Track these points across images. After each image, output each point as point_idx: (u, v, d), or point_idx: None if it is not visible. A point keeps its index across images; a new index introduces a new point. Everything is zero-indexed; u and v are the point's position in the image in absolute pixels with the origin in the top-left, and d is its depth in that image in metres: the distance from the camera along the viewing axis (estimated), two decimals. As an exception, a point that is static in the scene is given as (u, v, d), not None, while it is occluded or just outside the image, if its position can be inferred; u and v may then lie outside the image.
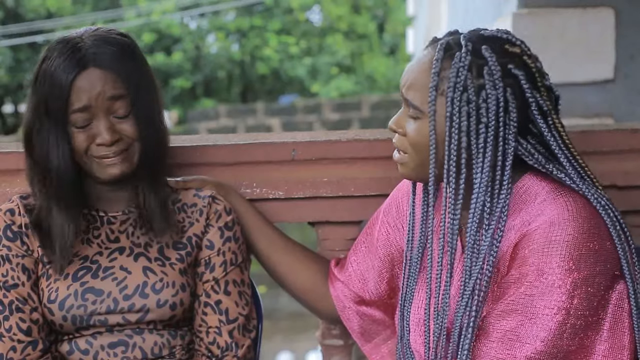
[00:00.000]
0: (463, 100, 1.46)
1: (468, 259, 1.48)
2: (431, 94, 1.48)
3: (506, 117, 1.47)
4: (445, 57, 1.49)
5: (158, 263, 1.74)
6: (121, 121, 1.67)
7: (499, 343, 1.45)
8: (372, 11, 19.30)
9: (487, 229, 1.47)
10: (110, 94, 1.64)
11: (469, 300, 1.47)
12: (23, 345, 1.70)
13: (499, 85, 1.46)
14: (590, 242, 1.43)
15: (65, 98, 1.63)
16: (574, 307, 1.41)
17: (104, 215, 1.78)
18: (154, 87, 1.74)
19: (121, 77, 1.66)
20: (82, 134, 1.66)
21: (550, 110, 1.51)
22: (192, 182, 1.87)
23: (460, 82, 1.46)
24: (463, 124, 1.46)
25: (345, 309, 1.86)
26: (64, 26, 16.61)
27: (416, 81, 1.52)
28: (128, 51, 1.70)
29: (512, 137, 1.47)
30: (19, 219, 1.75)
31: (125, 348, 1.72)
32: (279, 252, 1.90)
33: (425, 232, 1.64)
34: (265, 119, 14.87)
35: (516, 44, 1.52)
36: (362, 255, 1.84)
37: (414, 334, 1.66)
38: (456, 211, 1.50)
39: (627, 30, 3.48)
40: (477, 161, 1.47)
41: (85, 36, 1.68)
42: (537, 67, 1.52)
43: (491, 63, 1.47)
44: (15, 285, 1.72)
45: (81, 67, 1.64)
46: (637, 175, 1.99)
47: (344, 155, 1.99)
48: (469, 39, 1.50)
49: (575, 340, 1.42)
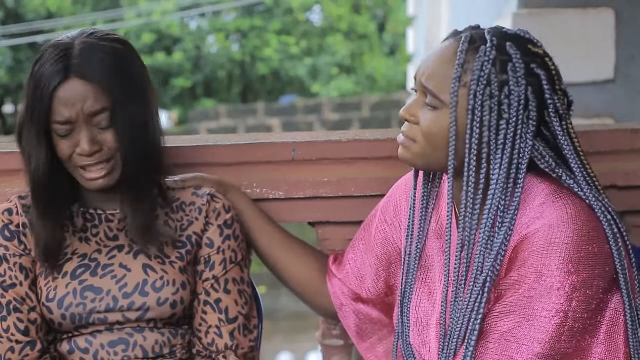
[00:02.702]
0: (486, 94, 1.46)
1: (481, 254, 1.47)
2: (454, 85, 1.48)
3: (525, 114, 1.47)
4: (469, 49, 1.49)
5: (158, 261, 1.74)
6: (103, 131, 1.66)
7: (497, 344, 1.44)
8: (372, 11, 19.30)
9: (500, 227, 1.47)
10: (90, 110, 1.63)
11: (478, 296, 1.47)
12: (21, 345, 1.70)
13: (521, 82, 1.46)
14: (589, 245, 1.43)
15: (46, 108, 1.63)
16: (572, 310, 1.41)
17: (101, 213, 1.77)
18: (144, 96, 1.71)
19: (103, 89, 1.63)
20: (65, 142, 1.66)
21: (566, 114, 1.52)
22: (191, 180, 1.86)
23: (484, 76, 1.46)
24: (485, 118, 1.46)
25: (343, 306, 1.86)
26: (64, 26, 16.61)
27: (437, 71, 1.51)
28: (117, 59, 1.67)
29: (529, 136, 1.47)
30: (16, 218, 1.75)
31: (125, 346, 1.72)
32: (279, 248, 1.91)
33: (424, 233, 1.64)
34: (265, 119, 14.88)
35: (538, 45, 1.52)
36: (360, 253, 1.84)
37: (413, 333, 1.66)
38: (475, 206, 1.49)
39: (627, 30, 3.48)
40: (494, 157, 1.47)
41: (77, 41, 1.66)
42: (557, 70, 1.52)
43: (515, 60, 1.47)
44: (12, 285, 1.72)
45: (63, 77, 1.62)
46: (637, 175, 1.99)
47: (344, 155, 1.99)
48: (493, 34, 1.50)
49: (573, 343, 1.42)
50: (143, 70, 1.73)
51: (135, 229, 1.71)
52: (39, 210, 1.71)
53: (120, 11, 17.65)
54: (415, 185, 1.66)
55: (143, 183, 1.72)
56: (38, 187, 1.69)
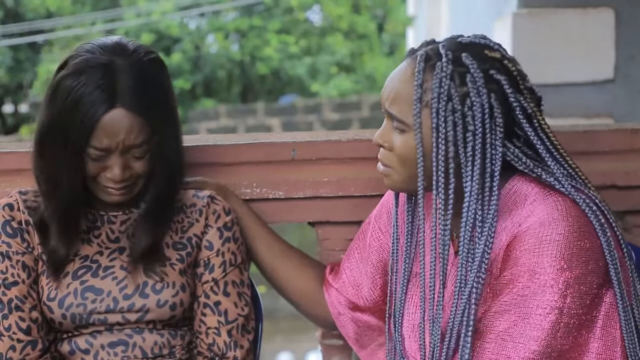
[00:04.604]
0: (448, 110, 1.46)
1: (463, 267, 1.47)
2: (415, 107, 1.48)
3: (492, 122, 1.46)
4: (426, 68, 1.48)
5: (158, 263, 1.73)
6: (136, 160, 1.65)
7: (494, 344, 1.45)
8: (372, 11, 19.29)
9: (480, 237, 1.47)
10: (132, 143, 1.61)
11: (465, 307, 1.47)
12: (22, 344, 1.70)
13: (482, 91, 1.46)
14: (581, 241, 1.43)
15: (86, 134, 1.59)
16: (567, 306, 1.41)
17: (104, 214, 1.77)
18: (177, 120, 1.72)
19: (148, 123, 1.62)
20: (95, 164, 1.64)
21: (535, 112, 1.51)
22: (192, 183, 1.86)
23: (444, 92, 1.46)
24: (450, 134, 1.46)
25: (340, 316, 1.86)
26: (64, 26, 16.60)
27: (398, 95, 1.51)
28: (160, 87, 1.65)
29: (499, 143, 1.47)
30: (18, 214, 1.75)
31: (125, 347, 1.72)
32: (276, 256, 1.90)
33: (411, 241, 1.64)
34: (265, 119, 14.87)
35: (495, 49, 1.51)
36: (356, 262, 1.84)
37: (409, 340, 1.66)
38: (447, 221, 1.49)
39: (627, 30, 3.48)
40: (466, 170, 1.47)
41: (119, 63, 1.61)
42: (518, 70, 1.51)
43: (473, 70, 1.46)
44: (15, 283, 1.72)
45: (109, 105, 1.58)
46: (637, 175, 1.99)
47: (344, 155, 1.99)
48: (448, 48, 1.49)
49: (569, 339, 1.42)
50: (172, 89, 1.72)
51: (141, 252, 1.71)
52: (61, 226, 1.69)
53: (119, 11, 17.64)
54: (397, 202, 1.66)
55: (165, 205, 1.73)
56: (67, 207, 1.68)
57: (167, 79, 1.70)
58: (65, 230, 1.70)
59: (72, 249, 1.72)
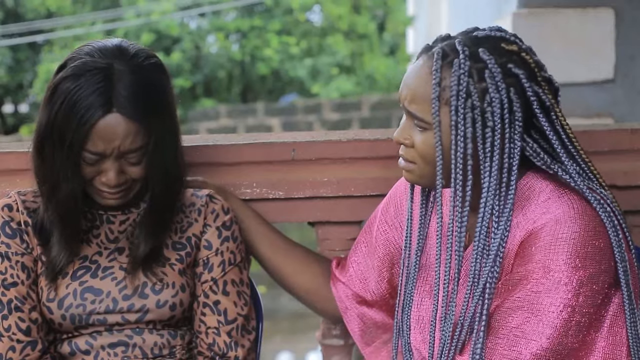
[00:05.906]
0: (467, 107, 1.46)
1: (477, 262, 1.48)
2: (434, 105, 1.47)
3: (511, 117, 1.47)
4: (443, 65, 1.48)
5: (158, 264, 1.73)
6: (132, 165, 1.64)
7: (505, 340, 1.45)
8: (372, 11, 19.28)
9: (495, 231, 1.47)
10: (127, 148, 1.60)
11: (479, 301, 1.47)
12: (22, 345, 1.70)
13: (501, 86, 1.45)
14: (595, 240, 1.43)
15: (82, 138, 1.58)
16: (579, 305, 1.42)
17: (103, 213, 1.77)
18: (176, 125, 1.70)
19: (145, 129, 1.60)
20: (90, 168, 1.63)
21: (553, 105, 1.50)
22: (192, 183, 1.86)
23: (463, 89, 1.46)
24: (468, 131, 1.46)
25: (348, 310, 1.86)
26: (64, 26, 16.60)
27: (417, 93, 1.50)
28: (159, 93, 1.63)
29: (518, 137, 1.47)
30: (17, 215, 1.75)
31: (125, 348, 1.72)
32: (280, 254, 1.90)
33: (424, 234, 1.64)
34: (265, 119, 14.86)
35: (511, 41, 1.51)
36: (362, 255, 1.84)
37: (414, 331, 1.66)
38: (463, 217, 1.50)
39: (627, 30, 3.48)
40: (484, 165, 1.47)
41: (118, 66, 1.59)
42: (535, 61, 1.51)
43: (491, 65, 1.46)
44: (14, 284, 1.72)
45: (106, 110, 1.56)
46: (637, 175, 1.99)
47: (344, 155, 1.99)
48: (465, 43, 1.48)
49: (579, 338, 1.43)
50: (172, 93, 1.69)
51: (141, 257, 1.71)
52: (62, 226, 1.69)
53: (120, 11, 17.63)
54: (413, 195, 1.67)
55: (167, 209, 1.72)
56: (67, 208, 1.67)
57: (168, 83, 1.68)
58: (66, 230, 1.70)
59: (74, 251, 1.72)
